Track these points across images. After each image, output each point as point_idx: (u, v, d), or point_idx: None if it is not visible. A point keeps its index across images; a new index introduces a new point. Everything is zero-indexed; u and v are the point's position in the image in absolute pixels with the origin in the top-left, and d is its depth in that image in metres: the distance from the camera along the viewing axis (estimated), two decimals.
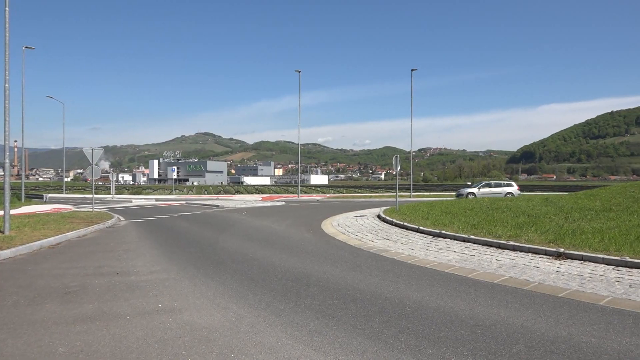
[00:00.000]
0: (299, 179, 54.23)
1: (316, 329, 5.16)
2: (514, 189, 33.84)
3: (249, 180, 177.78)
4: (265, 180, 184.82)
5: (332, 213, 21.86)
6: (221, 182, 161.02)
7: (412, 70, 40.48)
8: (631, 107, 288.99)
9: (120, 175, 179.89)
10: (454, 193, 43.10)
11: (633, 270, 7.80)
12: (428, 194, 49.40)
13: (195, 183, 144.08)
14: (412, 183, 48.60)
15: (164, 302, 6.35)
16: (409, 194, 42.77)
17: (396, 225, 15.05)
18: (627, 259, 8.14)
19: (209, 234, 14.26)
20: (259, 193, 58.13)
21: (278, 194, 54.65)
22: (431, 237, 12.34)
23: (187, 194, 57.85)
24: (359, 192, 56.13)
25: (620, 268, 7.97)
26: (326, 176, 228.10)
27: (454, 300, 6.34)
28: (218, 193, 59.77)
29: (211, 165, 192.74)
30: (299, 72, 41.22)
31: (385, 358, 4.33)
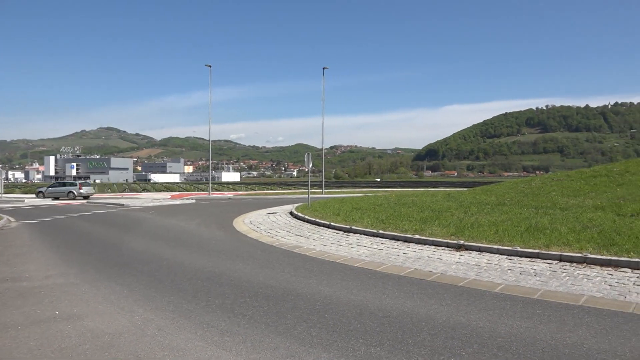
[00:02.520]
0: (210, 176, 53.06)
1: (228, 328, 5.08)
2: (76, 187, 38.11)
3: (157, 177, 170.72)
4: (175, 178, 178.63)
5: (244, 210, 21.63)
6: (126, 180, 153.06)
7: (324, 68, 41.12)
8: (522, 109, 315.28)
9: (10, 172, 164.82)
10: (364, 190, 44.34)
11: (523, 259, 8.50)
12: (339, 190, 50.48)
13: (98, 181, 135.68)
14: (324, 180, 49.36)
15: (61, 309, 5.91)
16: (321, 190, 43.43)
17: (308, 221, 15.22)
18: (518, 248, 8.86)
19: (113, 235, 13.52)
20: (167, 191, 56.02)
21: (188, 191, 53.03)
22: (342, 232, 12.62)
23: None
24: (271, 189, 56.04)
25: (512, 257, 8.66)
26: (238, 173, 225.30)
27: (363, 293, 6.53)
28: (123, 191, 56.78)
29: (115, 162, 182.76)
30: (210, 66, 40.30)
31: (297, 354, 4.36)
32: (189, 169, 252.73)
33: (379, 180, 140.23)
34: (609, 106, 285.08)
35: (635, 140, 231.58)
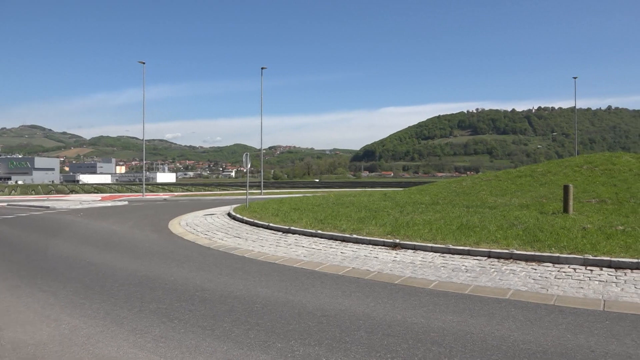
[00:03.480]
0: (144, 177, 51.28)
1: (162, 334, 4.92)
2: None
3: (86, 178, 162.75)
4: (106, 179, 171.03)
5: (180, 212, 21.07)
6: (52, 181, 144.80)
7: (262, 68, 40.81)
8: (454, 112, 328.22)
9: None
10: (303, 190, 44.47)
11: (455, 256, 8.85)
12: (278, 191, 50.34)
13: (20, 182, 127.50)
14: (262, 180, 49.00)
15: None
16: (260, 191, 43.10)
17: (246, 222, 15.06)
18: (451, 246, 9.21)
19: (38, 239, 12.74)
20: (98, 192, 53.55)
21: (120, 193, 50.94)
22: (281, 233, 12.59)
23: (10, 195, 50.91)
24: (208, 190, 54.94)
25: (445, 255, 8.99)
26: (174, 174, 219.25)
27: (302, 293, 6.54)
28: (49, 193, 53.68)
29: (40, 162, 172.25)
30: (143, 63, 38.93)
31: (234, 357, 4.29)
32: (121, 169, 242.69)
33: (317, 180, 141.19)
34: (534, 110, 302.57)
35: (557, 143, 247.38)
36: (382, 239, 10.27)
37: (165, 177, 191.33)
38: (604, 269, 7.44)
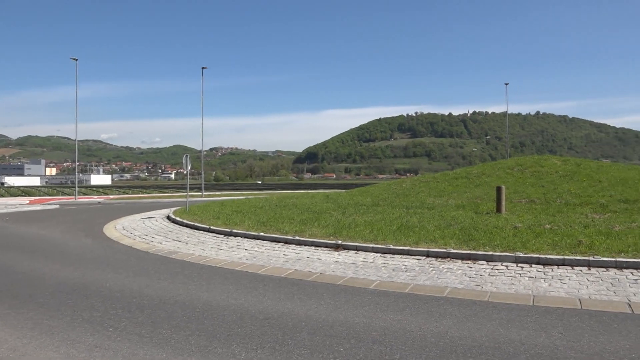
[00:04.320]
0: (77, 179, 48.92)
1: (97, 343, 4.70)
2: None
3: (12, 180, 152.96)
4: (35, 181, 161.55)
5: (116, 216, 20.26)
6: None
7: (202, 68, 40.10)
8: (394, 115, 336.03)
9: None
10: (246, 192, 44.02)
11: (396, 256, 9.05)
12: (220, 193, 49.55)
13: None
14: (203, 182, 48.09)
15: None
16: (200, 193, 42.24)
17: (187, 225, 14.71)
18: (391, 246, 9.41)
19: None
20: (26, 195, 50.51)
21: (51, 196, 48.31)
22: (222, 236, 12.39)
23: None
24: (147, 193, 53.20)
25: (386, 255, 9.17)
26: (110, 176, 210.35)
27: (244, 296, 6.47)
28: None
29: None
30: (76, 60, 37.18)
31: None
32: (51, 171, 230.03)
33: (260, 182, 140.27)
34: (469, 115, 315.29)
35: (490, 146, 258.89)
36: (324, 241, 10.33)
37: (100, 179, 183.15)
38: (533, 265, 7.85)
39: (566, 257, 7.90)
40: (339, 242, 10.07)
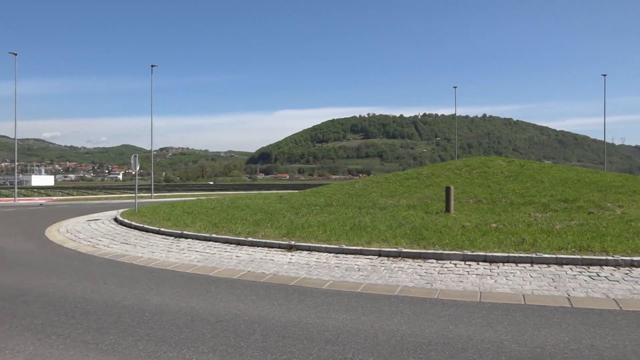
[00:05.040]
0: (16, 180, 46.52)
1: (37, 351, 4.48)
2: None
3: None
4: None
5: (59, 218, 19.41)
6: None
7: (152, 66, 39.11)
8: (347, 116, 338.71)
9: None
10: (197, 193, 43.27)
11: (348, 256, 9.13)
12: (170, 194, 48.41)
13: None
14: (153, 183, 46.91)
15: None
16: (150, 194, 41.15)
17: (135, 227, 14.28)
18: (344, 246, 9.49)
19: None
20: None
21: None
22: (173, 238, 12.11)
23: None
24: (93, 194, 51.29)
25: (339, 255, 9.23)
26: (52, 176, 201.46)
27: (196, 299, 6.35)
28: None
29: None
30: (15, 54, 35.38)
31: None
32: None
33: (212, 183, 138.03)
34: (419, 116, 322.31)
35: (440, 147, 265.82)
36: (277, 241, 10.29)
37: (42, 180, 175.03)
38: (480, 263, 8.12)
39: (511, 254, 8.22)
40: (293, 242, 10.06)
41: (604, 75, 47.98)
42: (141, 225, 14.16)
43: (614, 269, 7.49)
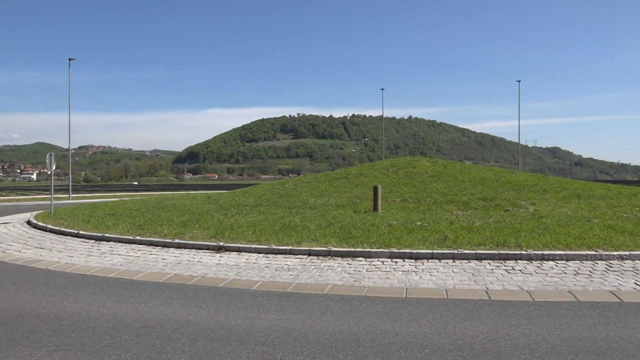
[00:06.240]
0: None
1: None
2: None
3: None
4: None
5: None
6: None
7: (69, 59, 36.93)
8: (277, 116, 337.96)
9: None
10: (120, 194, 41.40)
11: (278, 256, 9.11)
12: (90, 195, 45.94)
13: None
14: (71, 183, 44.35)
15: None
16: (68, 195, 38.85)
17: (51, 231, 13.41)
18: (274, 246, 9.46)
19: None
20: None
21: None
22: (93, 241, 11.50)
23: None
24: (2, 195, 47.65)
25: (269, 255, 9.19)
26: None
27: (118, 305, 6.07)
28: None
29: None
30: None
31: None
32: None
33: (136, 183, 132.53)
34: (348, 117, 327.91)
35: (368, 147, 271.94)
36: (206, 243, 10.07)
37: None
38: (406, 260, 8.40)
39: (434, 251, 8.57)
40: (221, 243, 9.88)
41: (519, 81, 51.30)
42: (58, 228, 13.33)
43: (527, 262, 8.02)
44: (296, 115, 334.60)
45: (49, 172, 19.36)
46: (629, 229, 10.01)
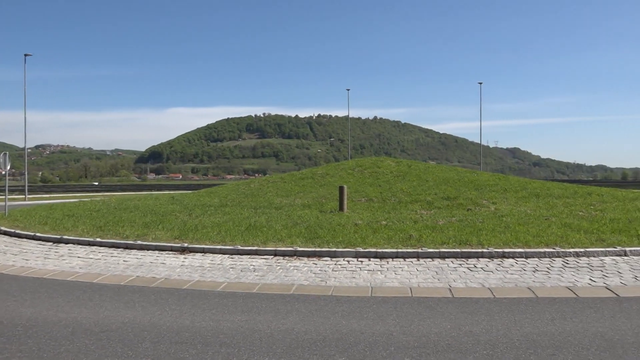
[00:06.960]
0: None
1: None
2: None
3: None
4: None
5: None
6: None
7: (25, 55, 35.61)
8: (243, 115, 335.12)
9: None
10: (80, 195, 40.21)
11: (244, 256, 9.03)
12: (48, 196, 44.43)
13: None
14: (27, 184, 42.77)
15: None
16: (24, 196, 37.46)
17: (5, 233, 12.90)
18: (239, 247, 9.37)
19: None
20: None
21: None
22: (51, 243, 11.12)
23: None
24: None
25: (234, 256, 9.10)
26: None
27: (77, 309, 5.88)
28: None
29: None
30: None
31: None
32: None
33: (97, 184, 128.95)
34: (314, 117, 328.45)
35: (334, 147, 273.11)
36: (169, 244, 9.89)
37: None
38: (371, 259, 8.46)
39: (399, 250, 8.67)
40: (185, 245, 9.72)
41: (480, 83, 52.59)
42: (12, 230, 12.83)
43: (489, 260, 8.22)
44: (262, 115, 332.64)
45: (3, 172, 18.60)
46: (584, 226, 10.39)
